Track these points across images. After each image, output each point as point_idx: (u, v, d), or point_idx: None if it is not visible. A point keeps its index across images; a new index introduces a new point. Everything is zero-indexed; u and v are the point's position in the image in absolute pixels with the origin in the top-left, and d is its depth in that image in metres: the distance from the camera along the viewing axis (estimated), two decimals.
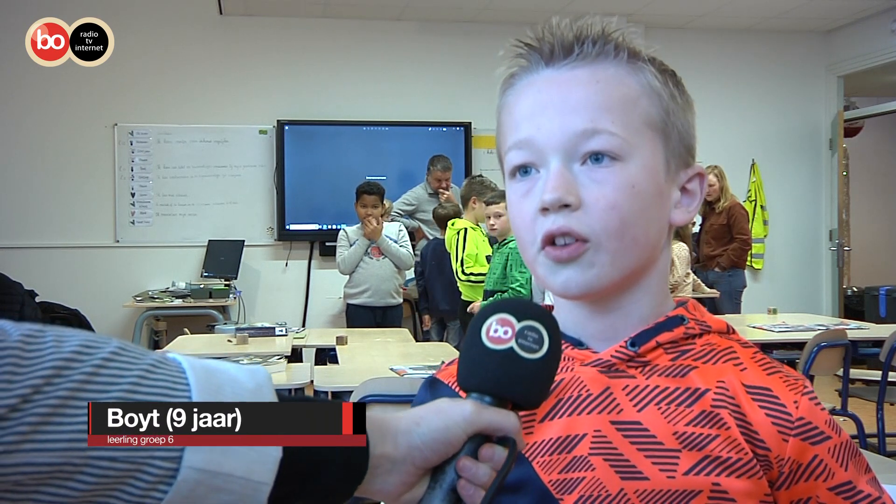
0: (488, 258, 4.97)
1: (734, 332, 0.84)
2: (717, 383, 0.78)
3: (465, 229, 5.09)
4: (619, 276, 0.78)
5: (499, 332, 0.68)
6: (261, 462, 0.59)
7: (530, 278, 4.44)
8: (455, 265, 5.09)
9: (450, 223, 5.29)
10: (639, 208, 0.77)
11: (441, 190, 6.22)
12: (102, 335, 0.60)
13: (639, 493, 0.75)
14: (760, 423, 0.75)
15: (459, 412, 0.66)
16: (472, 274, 4.99)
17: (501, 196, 4.65)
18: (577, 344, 0.83)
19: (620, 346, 0.80)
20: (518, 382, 0.68)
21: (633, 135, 0.77)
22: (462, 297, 5.13)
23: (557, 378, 0.80)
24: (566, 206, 0.76)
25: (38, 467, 0.53)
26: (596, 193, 0.76)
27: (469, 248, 5.03)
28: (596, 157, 0.77)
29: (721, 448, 0.75)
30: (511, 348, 0.67)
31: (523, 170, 0.80)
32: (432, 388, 0.89)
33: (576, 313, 0.83)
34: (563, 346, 0.81)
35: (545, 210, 0.76)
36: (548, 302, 0.93)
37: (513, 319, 0.68)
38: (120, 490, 0.56)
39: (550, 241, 0.77)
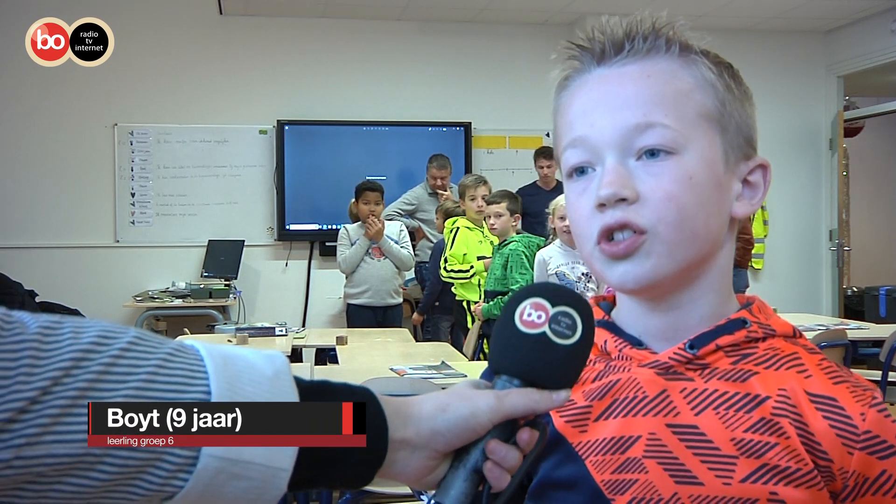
0: (483, 258, 5.01)
1: (801, 335, 0.82)
2: (779, 391, 0.76)
3: (458, 228, 5.15)
4: (677, 268, 0.77)
5: (532, 316, 0.68)
6: (280, 449, 0.59)
7: (531, 280, 4.44)
8: (441, 261, 5.16)
9: (448, 221, 5.32)
10: (697, 200, 0.76)
11: (440, 189, 6.22)
12: (120, 325, 0.59)
13: (693, 498, 0.74)
14: (823, 434, 0.74)
15: (485, 401, 0.66)
16: (452, 271, 5.07)
17: (501, 196, 4.64)
18: (636, 343, 0.81)
19: (679, 349, 0.79)
20: (549, 367, 0.67)
21: (688, 127, 0.77)
22: (456, 298, 5.16)
23: (613, 378, 0.80)
24: (623, 200, 0.75)
25: (60, 458, 0.54)
26: (653, 185, 0.75)
27: (456, 247, 5.08)
28: (651, 152, 0.76)
29: (780, 457, 0.73)
30: (544, 333, 0.67)
31: (580, 170, 0.79)
32: None
33: (636, 310, 0.83)
34: (622, 345, 0.81)
35: (602, 206, 0.76)
36: None
37: (547, 304, 0.68)
38: (140, 479, 0.57)
39: (607, 235, 0.76)
